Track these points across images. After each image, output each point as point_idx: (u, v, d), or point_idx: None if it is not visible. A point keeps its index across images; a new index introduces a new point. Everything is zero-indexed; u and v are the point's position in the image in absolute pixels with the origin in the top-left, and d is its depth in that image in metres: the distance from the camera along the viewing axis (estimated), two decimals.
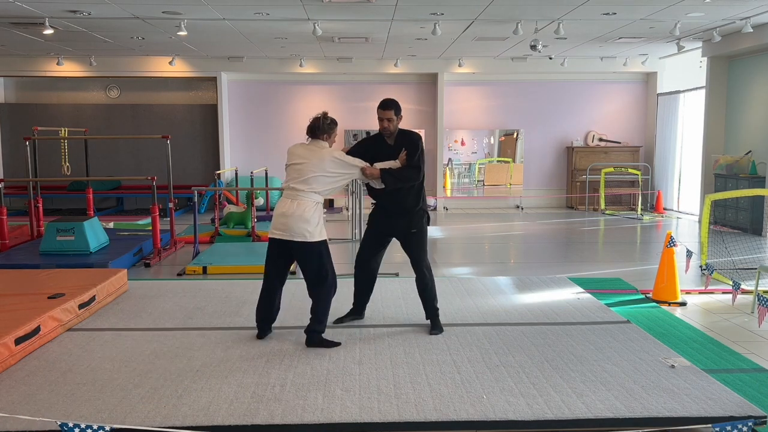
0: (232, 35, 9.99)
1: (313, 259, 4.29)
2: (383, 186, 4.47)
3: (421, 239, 4.69)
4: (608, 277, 6.86)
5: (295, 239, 4.19)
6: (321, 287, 4.34)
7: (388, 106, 4.51)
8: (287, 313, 5.09)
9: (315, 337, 4.33)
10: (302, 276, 4.45)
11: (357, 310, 5.01)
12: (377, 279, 5.04)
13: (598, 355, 4.17)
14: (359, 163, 4.40)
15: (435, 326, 4.72)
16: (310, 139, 4.38)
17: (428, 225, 4.76)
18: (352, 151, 4.61)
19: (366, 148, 4.65)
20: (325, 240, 4.34)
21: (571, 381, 3.72)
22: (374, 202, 4.77)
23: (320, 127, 4.32)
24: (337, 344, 4.35)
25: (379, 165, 4.48)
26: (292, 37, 10.12)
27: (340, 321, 4.91)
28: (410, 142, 4.55)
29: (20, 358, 4.07)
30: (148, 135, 12.47)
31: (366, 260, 4.82)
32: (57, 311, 4.59)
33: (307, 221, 4.17)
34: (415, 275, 4.73)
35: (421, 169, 4.53)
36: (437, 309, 4.79)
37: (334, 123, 4.40)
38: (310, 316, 4.39)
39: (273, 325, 4.61)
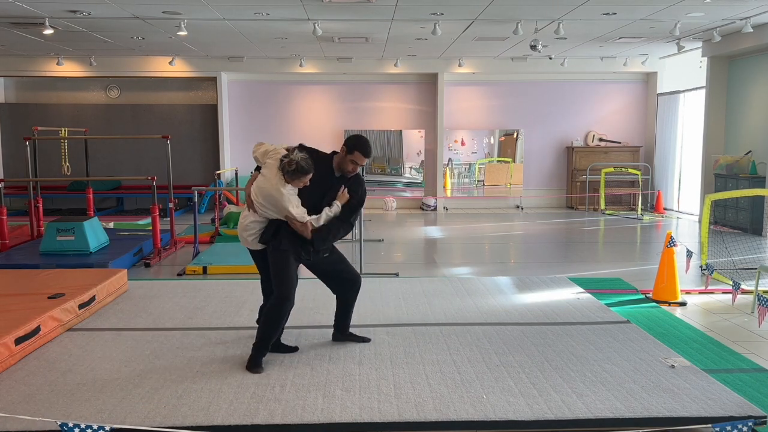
0: (232, 35, 9.99)
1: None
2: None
3: (272, 259, 4.02)
4: (608, 277, 6.86)
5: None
6: None
7: (370, 153, 4.02)
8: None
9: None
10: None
11: (337, 328, 4.55)
12: (378, 279, 5.02)
13: (598, 355, 4.17)
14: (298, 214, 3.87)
15: (250, 360, 3.93)
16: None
17: (287, 254, 3.94)
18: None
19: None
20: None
21: (571, 381, 3.72)
22: None
23: (285, 171, 3.85)
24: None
25: (314, 218, 3.91)
26: (292, 37, 10.12)
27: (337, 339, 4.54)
28: (359, 190, 4.06)
29: (20, 358, 4.07)
30: (148, 135, 12.46)
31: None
32: (57, 311, 4.59)
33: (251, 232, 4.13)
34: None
35: (351, 225, 4.09)
36: (258, 346, 3.94)
37: (298, 172, 3.83)
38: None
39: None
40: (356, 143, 3.98)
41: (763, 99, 9.91)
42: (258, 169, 4.16)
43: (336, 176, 4.07)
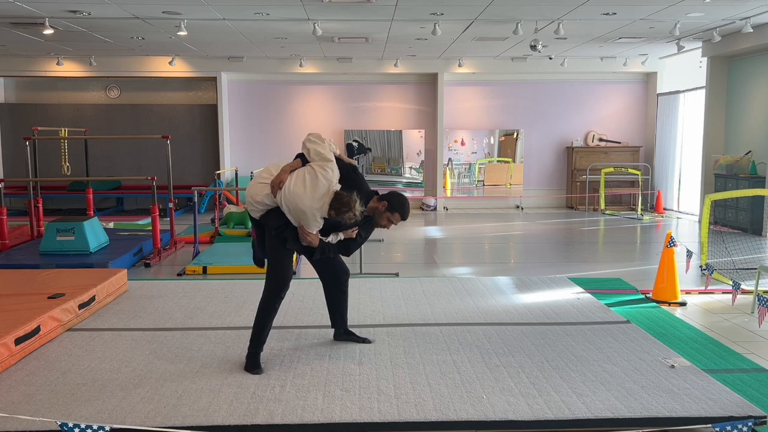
0: (232, 35, 9.99)
1: None
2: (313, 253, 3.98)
3: (270, 249, 4.01)
4: (608, 277, 6.86)
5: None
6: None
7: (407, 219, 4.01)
8: (287, 314, 5.09)
9: None
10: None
11: (334, 324, 4.55)
12: (378, 279, 5.04)
13: (598, 355, 4.17)
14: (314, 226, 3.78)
15: (247, 360, 3.94)
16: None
17: (285, 245, 3.92)
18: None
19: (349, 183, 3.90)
20: None
21: (571, 381, 3.72)
22: None
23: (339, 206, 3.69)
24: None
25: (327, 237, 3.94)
26: (292, 37, 10.12)
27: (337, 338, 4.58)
28: (367, 233, 4.10)
29: (20, 358, 4.07)
30: (148, 135, 12.47)
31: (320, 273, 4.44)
32: (57, 311, 4.59)
33: None
34: None
35: (350, 251, 4.09)
36: (253, 343, 3.95)
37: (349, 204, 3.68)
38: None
39: (273, 325, 4.57)
40: (400, 205, 3.89)
41: (763, 99, 9.91)
42: (301, 156, 3.85)
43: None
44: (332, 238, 3.97)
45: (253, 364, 3.90)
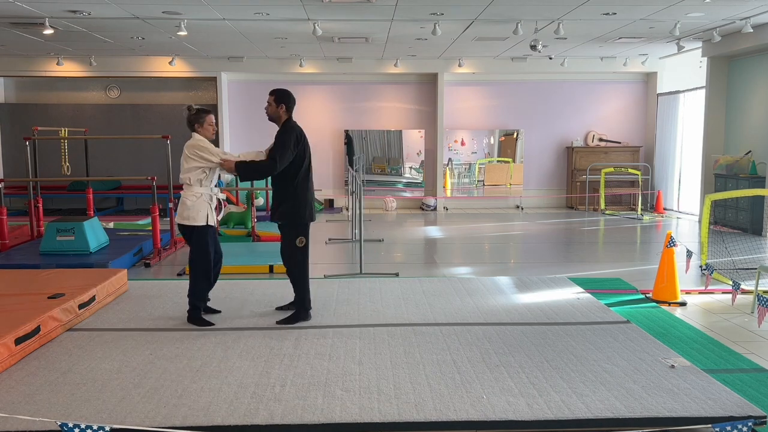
0: (232, 35, 9.99)
1: (188, 239, 4.82)
2: (239, 177, 4.80)
3: (287, 235, 4.84)
4: (608, 277, 6.86)
5: (178, 222, 4.78)
6: (191, 266, 4.85)
7: (271, 92, 4.84)
8: (286, 314, 5.09)
9: (191, 312, 4.87)
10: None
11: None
12: (378, 279, 5.09)
13: (598, 355, 4.17)
14: (218, 156, 4.71)
15: (292, 317, 4.89)
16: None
17: (300, 226, 4.81)
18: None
19: None
20: (199, 226, 4.73)
21: (571, 381, 3.72)
22: None
23: (189, 121, 4.77)
24: (210, 324, 4.81)
25: (243, 155, 4.83)
26: (292, 37, 10.12)
27: (279, 308, 5.25)
28: (279, 132, 4.76)
29: (20, 358, 4.07)
30: (148, 135, 12.46)
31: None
32: (57, 311, 4.59)
33: (183, 206, 4.70)
34: None
35: (275, 161, 4.62)
36: (302, 301, 4.90)
37: (200, 113, 4.75)
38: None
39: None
40: (287, 96, 4.88)
41: (763, 99, 9.91)
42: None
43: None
44: (247, 154, 4.81)
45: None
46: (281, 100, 4.81)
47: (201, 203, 4.70)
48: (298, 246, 4.81)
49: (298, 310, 4.92)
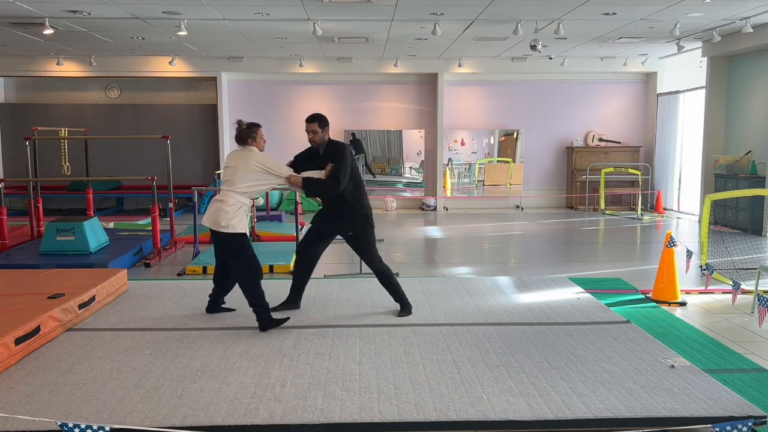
0: (232, 35, 9.99)
1: (227, 249, 4.75)
2: (304, 193, 4.87)
3: (362, 240, 5.02)
4: (608, 277, 6.86)
5: (213, 228, 4.70)
6: (241, 274, 4.73)
7: (312, 119, 4.92)
8: (287, 313, 5.09)
9: (261, 316, 4.71)
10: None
11: (292, 299, 5.29)
12: (377, 279, 5.12)
13: (598, 355, 4.17)
14: (284, 171, 4.78)
15: (403, 308, 5.15)
16: (240, 146, 4.82)
17: (371, 227, 5.05)
18: (299, 156, 5.13)
19: (307, 155, 5.10)
20: (241, 233, 4.70)
21: (571, 381, 3.72)
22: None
23: (244, 135, 4.77)
24: (286, 319, 4.81)
25: (306, 174, 4.87)
26: (292, 37, 10.12)
27: (274, 309, 5.12)
28: (336, 154, 4.88)
29: (20, 358, 4.07)
30: (148, 135, 12.47)
31: (305, 253, 5.17)
32: (57, 311, 4.59)
33: (225, 214, 4.64)
34: (375, 274, 5.13)
35: (339, 181, 4.81)
36: (402, 294, 5.17)
37: (253, 126, 4.80)
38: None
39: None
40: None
41: (763, 99, 9.91)
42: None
43: (320, 154, 4.98)
44: (311, 173, 4.86)
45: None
46: (324, 124, 4.94)
47: (242, 212, 4.72)
48: (376, 247, 5.10)
49: (405, 307, 5.17)
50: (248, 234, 4.85)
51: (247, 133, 4.77)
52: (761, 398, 3.59)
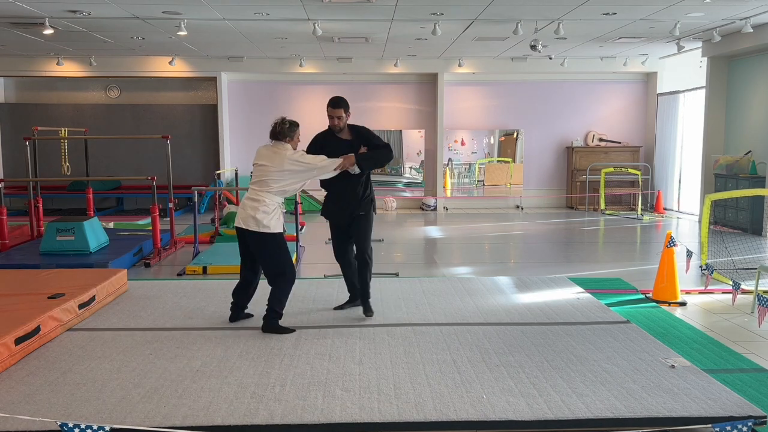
0: (232, 35, 9.99)
1: (264, 250, 4.64)
2: (359, 171, 4.83)
3: (365, 224, 5.02)
4: (608, 277, 6.86)
5: (250, 229, 4.57)
6: (277, 277, 4.65)
7: (338, 104, 4.89)
8: (287, 314, 5.08)
9: (271, 320, 4.63)
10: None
11: (353, 297, 5.31)
12: (378, 279, 5.13)
13: (598, 355, 4.17)
14: (325, 161, 4.71)
15: (367, 309, 5.08)
16: (273, 141, 4.72)
17: (374, 212, 5.11)
18: (309, 149, 4.99)
19: (320, 144, 5.00)
20: (279, 233, 4.64)
21: (571, 381, 3.72)
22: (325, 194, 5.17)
23: (281, 132, 4.67)
24: (291, 330, 4.65)
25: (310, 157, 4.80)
26: (292, 37, 10.12)
27: (340, 308, 5.25)
28: (364, 133, 4.98)
29: (20, 358, 4.07)
30: (148, 135, 12.47)
31: (342, 254, 5.17)
32: (57, 311, 4.59)
33: (264, 215, 4.55)
34: (358, 259, 5.09)
35: (390, 147, 4.96)
36: (369, 294, 5.11)
37: (293, 125, 4.73)
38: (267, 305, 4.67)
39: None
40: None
41: (763, 99, 9.91)
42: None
43: (341, 138, 4.94)
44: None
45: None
46: (348, 107, 4.97)
47: (279, 212, 4.67)
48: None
49: (369, 308, 5.13)
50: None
51: (287, 131, 4.68)
52: (761, 398, 3.59)
